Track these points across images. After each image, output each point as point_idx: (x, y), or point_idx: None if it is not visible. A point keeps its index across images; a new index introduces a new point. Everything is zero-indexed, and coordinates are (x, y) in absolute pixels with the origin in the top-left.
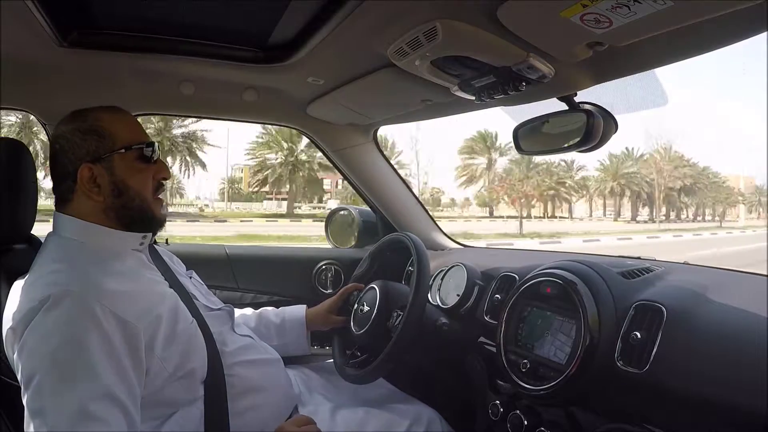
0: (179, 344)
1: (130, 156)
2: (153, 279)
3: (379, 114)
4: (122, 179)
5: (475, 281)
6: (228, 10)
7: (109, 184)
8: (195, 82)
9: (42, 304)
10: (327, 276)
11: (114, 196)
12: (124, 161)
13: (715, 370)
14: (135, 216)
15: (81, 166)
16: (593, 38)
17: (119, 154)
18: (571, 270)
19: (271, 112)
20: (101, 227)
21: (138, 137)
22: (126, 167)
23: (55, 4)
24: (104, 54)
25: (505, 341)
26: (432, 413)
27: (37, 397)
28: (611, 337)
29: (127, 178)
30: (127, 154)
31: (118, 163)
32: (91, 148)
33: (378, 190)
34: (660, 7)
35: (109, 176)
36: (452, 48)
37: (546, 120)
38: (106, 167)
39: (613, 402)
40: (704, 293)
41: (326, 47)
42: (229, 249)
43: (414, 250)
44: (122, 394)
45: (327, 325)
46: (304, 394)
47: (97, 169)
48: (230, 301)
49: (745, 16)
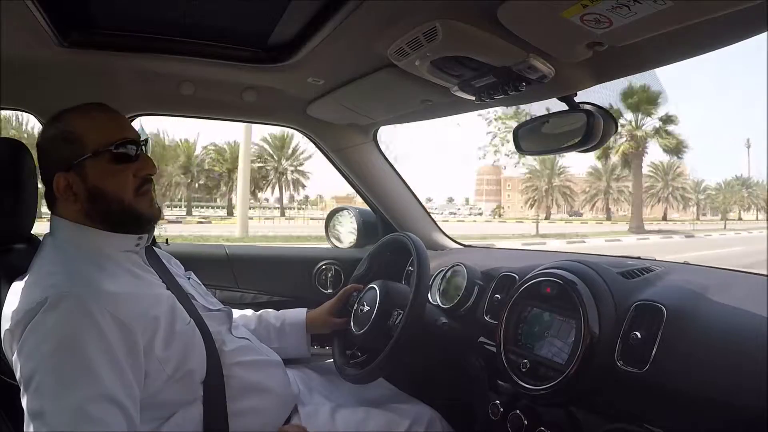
0: (177, 345)
1: (102, 159)
2: (150, 280)
3: (379, 114)
4: (95, 185)
5: (475, 281)
6: (228, 10)
7: (83, 191)
8: (195, 82)
9: (40, 306)
10: (327, 276)
11: (91, 203)
12: (97, 166)
13: (715, 370)
14: (117, 219)
15: (55, 176)
16: (593, 38)
17: (90, 159)
18: (571, 270)
19: (271, 112)
20: (94, 229)
21: (111, 137)
22: (99, 171)
23: (55, 4)
24: (104, 54)
25: (505, 341)
26: (432, 413)
27: (37, 399)
28: (611, 337)
29: (101, 183)
30: (98, 157)
31: (91, 169)
32: (63, 155)
33: (378, 190)
34: (660, 7)
35: (83, 183)
36: (452, 48)
37: (546, 120)
38: (79, 174)
39: (613, 402)
40: (704, 293)
41: (326, 47)
42: (229, 249)
43: (414, 250)
44: (121, 395)
45: (327, 328)
46: (304, 394)
47: (70, 177)
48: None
49: (745, 16)
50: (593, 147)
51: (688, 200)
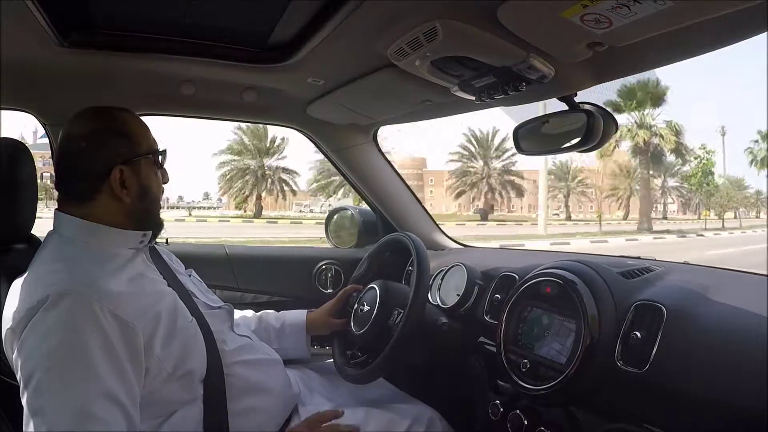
0: (178, 343)
1: (149, 161)
2: (152, 278)
3: (379, 114)
4: (146, 183)
5: (475, 281)
6: (228, 10)
7: (136, 187)
8: (195, 83)
9: (41, 304)
10: (327, 276)
11: (139, 199)
12: (147, 166)
13: (715, 370)
14: (152, 218)
15: (114, 167)
16: (593, 38)
17: (145, 158)
18: (571, 270)
19: (271, 112)
20: (103, 226)
21: (155, 144)
22: (148, 172)
23: (55, 4)
24: (104, 54)
25: (505, 341)
26: (432, 413)
27: (37, 397)
28: (611, 337)
29: (149, 182)
30: (149, 159)
31: (144, 168)
32: (122, 150)
33: (378, 190)
34: (660, 7)
35: (137, 179)
36: (452, 48)
37: (546, 120)
38: (135, 170)
39: (613, 402)
40: (704, 293)
41: (326, 47)
42: (229, 249)
43: (414, 249)
44: (121, 393)
45: (327, 329)
46: (304, 394)
47: (127, 171)
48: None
49: (745, 16)
50: (593, 147)
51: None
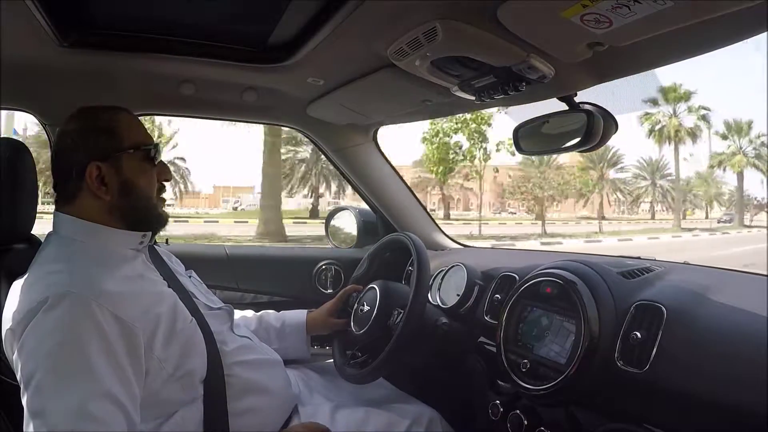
0: (178, 344)
1: (137, 156)
2: (152, 279)
3: (379, 114)
4: (130, 179)
5: (475, 281)
6: (228, 10)
7: (116, 183)
8: (195, 83)
9: (41, 305)
10: (327, 276)
11: (121, 196)
12: (132, 161)
13: (715, 370)
14: (140, 216)
15: (89, 164)
16: (593, 38)
17: (127, 153)
18: (571, 270)
19: (271, 112)
20: (102, 227)
21: (144, 138)
22: (134, 167)
23: (55, 4)
24: (104, 54)
25: (505, 341)
26: (432, 413)
27: (37, 398)
28: (611, 337)
29: (134, 178)
30: (134, 154)
31: (126, 163)
32: (100, 146)
33: (378, 190)
34: (660, 7)
35: (117, 175)
36: (452, 48)
37: (546, 120)
38: (115, 166)
39: (613, 402)
40: (704, 293)
41: (326, 47)
42: (229, 249)
43: (414, 249)
44: (121, 394)
45: (328, 329)
46: (304, 394)
47: (105, 167)
48: (230, 301)
49: (745, 16)
50: (593, 147)
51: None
